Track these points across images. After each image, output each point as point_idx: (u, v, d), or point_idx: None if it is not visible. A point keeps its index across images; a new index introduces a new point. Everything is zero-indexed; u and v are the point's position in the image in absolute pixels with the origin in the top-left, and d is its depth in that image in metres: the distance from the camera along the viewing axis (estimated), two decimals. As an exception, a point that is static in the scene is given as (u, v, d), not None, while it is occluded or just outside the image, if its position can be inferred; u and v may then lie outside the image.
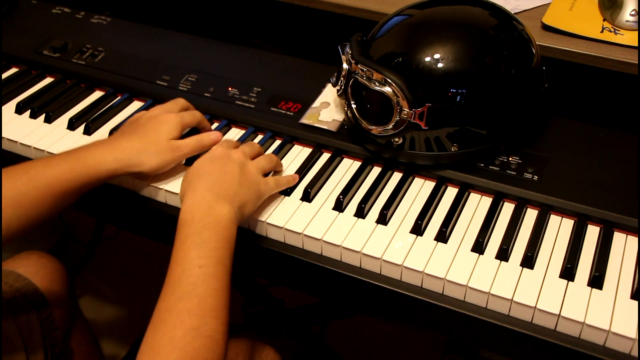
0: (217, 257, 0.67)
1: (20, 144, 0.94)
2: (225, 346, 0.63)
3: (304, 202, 0.83)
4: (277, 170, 0.86)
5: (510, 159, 0.85)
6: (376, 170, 0.88)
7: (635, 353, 0.67)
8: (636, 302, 0.69)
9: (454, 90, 0.79)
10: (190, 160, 0.85)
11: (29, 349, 0.96)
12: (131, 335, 1.60)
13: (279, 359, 0.91)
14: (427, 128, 0.80)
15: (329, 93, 0.98)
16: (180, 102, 0.90)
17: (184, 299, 0.63)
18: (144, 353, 0.61)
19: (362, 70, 0.81)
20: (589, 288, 0.71)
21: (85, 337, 1.15)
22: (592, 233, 0.78)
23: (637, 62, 0.89)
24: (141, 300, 1.68)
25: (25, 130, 0.96)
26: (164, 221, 0.86)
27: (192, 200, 0.72)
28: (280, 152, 0.90)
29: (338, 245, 0.77)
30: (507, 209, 0.81)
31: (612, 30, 0.95)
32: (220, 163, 0.77)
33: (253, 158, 0.82)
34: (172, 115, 0.85)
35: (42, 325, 1.00)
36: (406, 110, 0.79)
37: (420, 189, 0.85)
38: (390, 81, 0.78)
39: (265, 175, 0.82)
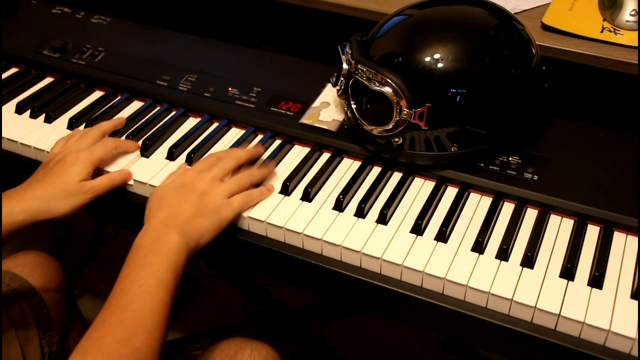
0: (159, 279, 0.69)
1: (20, 143, 0.94)
2: None
3: (304, 202, 0.83)
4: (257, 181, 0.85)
5: (510, 159, 0.85)
6: (376, 170, 0.88)
7: (635, 353, 0.67)
8: (636, 302, 0.69)
9: (454, 90, 0.79)
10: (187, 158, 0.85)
11: (26, 349, 0.96)
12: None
13: (276, 357, 0.91)
14: (427, 128, 0.80)
15: (329, 93, 0.98)
16: (93, 134, 0.89)
17: (118, 312, 0.66)
18: (73, 356, 0.63)
19: (362, 70, 0.81)
20: (589, 288, 0.71)
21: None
22: (592, 233, 0.78)
23: (637, 62, 0.89)
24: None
25: (25, 130, 0.96)
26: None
27: (146, 230, 0.74)
28: (280, 152, 0.90)
29: (338, 245, 0.77)
30: (507, 208, 0.81)
31: (612, 30, 0.95)
32: (182, 192, 0.78)
33: (232, 171, 0.83)
34: (80, 154, 0.84)
35: (38, 325, 0.99)
36: (406, 110, 0.79)
37: (420, 188, 0.85)
38: (390, 81, 0.78)
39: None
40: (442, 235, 0.77)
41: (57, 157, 0.86)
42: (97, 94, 1.05)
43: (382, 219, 0.80)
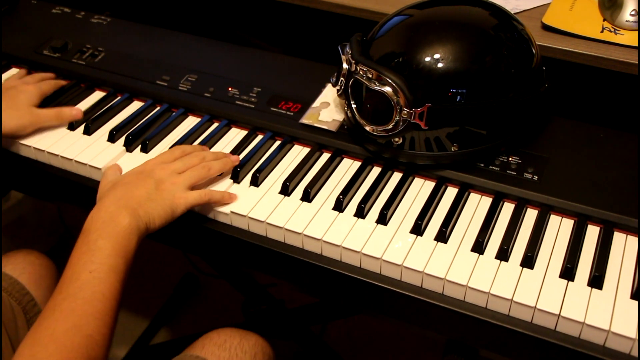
0: (110, 264, 0.70)
1: (21, 144, 0.94)
2: (107, 347, 0.67)
3: (304, 202, 0.83)
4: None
5: (510, 159, 0.85)
6: (376, 170, 0.88)
7: (635, 353, 0.67)
8: (636, 302, 0.69)
9: (454, 90, 0.79)
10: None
11: (16, 347, 0.96)
12: (131, 335, 1.60)
13: (267, 347, 0.92)
14: (427, 128, 0.80)
15: (329, 93, 0.98)
16: (37, 76, 1.03)
17: (69, 299, 0.67)
18: (25, 343, 0.64)
19: (362, 70, 0.81)
20: (589, 288, 0.71)
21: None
22: (592, 233, 0.78)
23: (637, 62, 0.89)
24: (140, 300, 1.68)
25: (25, 130, 0.96)
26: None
27: (97, 210, 0.75)
28: (280, 152, 0.90)
29: (338, 245, 0.77)
30: (507, 209, 0.81)
31: (612, 30, 0.95)
32: (138, 177, 0.79)
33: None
34: (30, 85, 0.97)
35: (29, 324, 0.99)
36: (406, 110, 0.79)
37: (420, 189, 0.85)
38: (390, 81, 0.78)
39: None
40: (442, 236, 0.77)
41: (5, 85, 0.98)
42: (97, 94, 1.05)
43: (382, 219, 0.80)
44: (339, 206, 0.82)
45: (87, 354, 0.64)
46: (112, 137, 0.94)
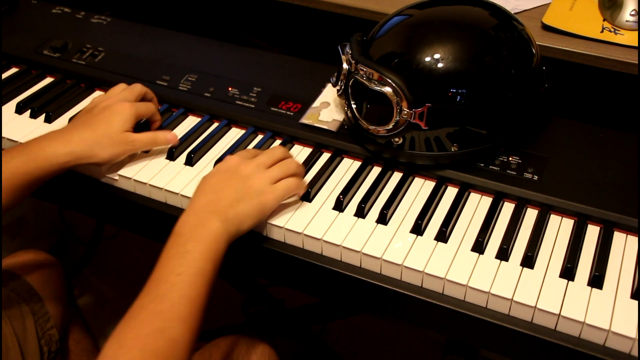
0: (198, 268, 0.69)
1: (20, 144, 0.94)
2: (190, 352, 0.65)
3: (304, 202, 0.83)
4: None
5: (510, 159, 0.85)
6: (376, 170, 0.88)
7: (635, 353, 0.67)
8: (636, 302, 0.69)
9: (454, 90, 0.79)
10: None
11: (25, 348, 0.96)
12: (131, 335, 1.59)
13: (274, 356, 0.92)
14: (427, 128, 0.80)
15: (329, 93, 0.98)
16: (137, 89, 0.91)
17: (156, 301, 0.66)
18: (109, 344, 0.63)
19: (362, 70, 0.81)
20: (589, 288, 0.71)
21: (82, 336, 1.15)
22: (592, 233, 0.78)
23: (637, 62, 0.89)
24: (141, 300, 1.68)
25: (25, 130, 0.96)
26: (164, 221, 0.86)
27: (187, 214, 0.74)
28: (280, 152, 0.90)
29: (338, 245, 0.77)
30: (507, 208, 0.81)
31: (612, 30, 0.95)
32: (225, 177, 0.78)
33: (271, 166, 0.81)
34: (126, 105, 0.86)
35: (37, 324, 0.99)
36: (406, 110, 0.79)
37: (420, 188, 0.85)
38: (390, 81, 0.78)
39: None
40: (442, 235, 0.77)
41: (101, 104, 0.87)
42: (98, 94, 1.04)
43: (382, 219, 0.80)
44: (339, 206, 0.82)
45: (171, 357, 0.63)
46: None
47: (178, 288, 0.67)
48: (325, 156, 0.90)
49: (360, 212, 0.81)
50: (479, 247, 0.76)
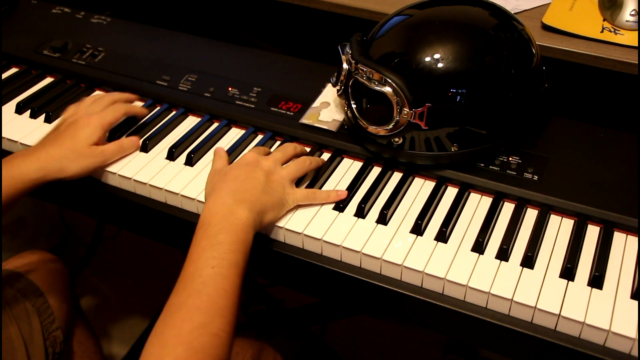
0: (231, 259, 0.68)
1: (20, 143, 0.94)
2: (230, 345, 0.65)
3: (304, 202, 0.83)
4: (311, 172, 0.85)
5: (510, 159, 0.85)
6: (376, 170, 0.88)
7: (635, 353, 0.67)
8: (636, 302, 0.69)
9: (454, 90, 0.79)
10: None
11: (30, 349, 0.96)
12: (131, 335, 1.60)
13: (278, 358, 0.92)
14: (427, 128, 0.80)
15: (329, 93, 0.98)
16: (105, 100, 0.92)
17: (193, 296, 0.65)
18: (151, 343, 0.62)
19: (362, 70, 0.81)
20: (589, 288, 0.71)
21: (86, 337, 1.15)
22: (592, 233, 0.78)
23: (637, 62, 0.89)
24: (141, 300, 1.68)
25: (25, 130, 0.97)
26: (164, 221, 0.86)
27: (213, 203, 0.73)
28: (280, 152, 0.90)
29: (338, 245, 0.77)
30: (507, 209, 0.81)
31: (612, 30, 0.95)
32: (248, 169, 0.78)
33: (285, 162, 0.82)
34: (92, 117, 0.87)
35: (42, 325, 1.00)
36: (406, 110, 0.79)
37: (420, 189, 0.85)
38: (390, 81, 0.78)
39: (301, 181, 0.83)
40: (442, 236, 0.77)
41: (69, 120, 0.88)
42: (97, 94, 1.04)
43: (382, 219, 0.80)
44: (339, 206, 0.82)
45: (215, 354, 0.62)
46: (112, 137, 0.94)
47: (214, 281, 0.66)
48: (325, 156, 0.90)
49: (360, 212, 0.81)
50: (479, 247, 0.76)
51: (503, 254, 0.75)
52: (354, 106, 0.86)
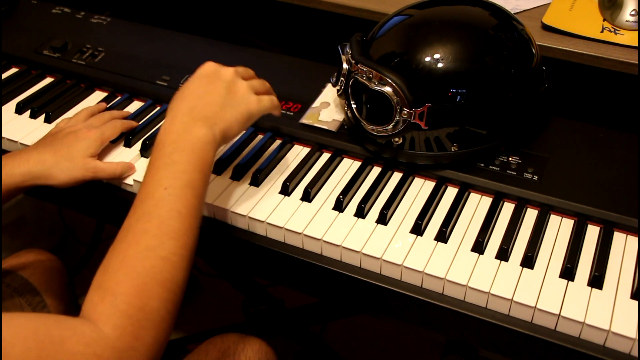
0: (186, 179, 0.66)
1: (20, 144, 0.94)
2: (185, 269, 0.63)
3: (304, 202, 0.83)
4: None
5: (510, 159, 0.85)
6: (376, 170, 0.88)
7: (635, 353, 0.67)
8: (636, 302, 0.69)
9: (454, 90, 0.79)
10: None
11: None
12: (131, 335, 1.59)
13: (270, 352, 0.92)
14: (427, 128, 0.80)
15: (329, 93, 0.98)
16: (105, 115, 0.92)
17: (143, 219, 0.63)
18: (97, 273, 0.61)
19: (362, 70, 0.81)
20: (589, 288, 0.71)
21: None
22: (592, 233, 0.78)
23: (637, 62, 0.89)
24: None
25: (25, 130, 0.97)
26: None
27: (169, 122, 0.71)
28: (280, 152, 0.90)
29: (338, 245, 0.77)
30: (507, 209, 0.81)
31: (612, 30, 0.95)
32: (207, 82, 0.74)
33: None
34: (92, 132, 0.86)
35: None
36: (406, 110, 0.79)
37: (420, 189, 0.85)
38: (390, 81, 0.78)
39: None
40: (442, 236, 0.77)
41: (66, 129, 0.87)
42: (97, 94, 1.05)
43: (382, 219, 0.80)
44: (339, 206, 0.82)
45: (162, 277, 0.60)
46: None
47: (166, 202, 0.63)
48: (325, 156, 0.90)
49: (360, 212, 0.81)
50: (478, 247, 0.76)
51: (503, 254, 0.75)
52: (354, 106, 0.86)
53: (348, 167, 0.89)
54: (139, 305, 0.58)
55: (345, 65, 0.86)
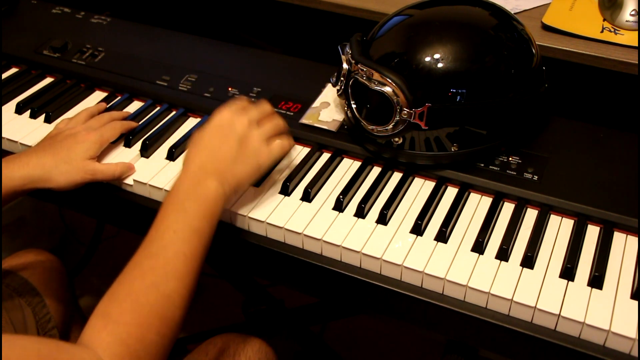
0: (195, 226, 0.69)
1: (20, 144, 0.94)
2: (183, 309, 0.66)
3: (304, 202, 0.83)
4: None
5: (510, 159, 0.85)
6: (376, 170, 0.88)
7: (635, 353, 0.67)
8: (636, 302, 0.69)
9: (454, 90, 0.79)
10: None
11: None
12: (131, 335, 1.59)
13: (270, 352, 0.92)
14: (427, 128, 0.80)
15: (329, 93, 0.98)
16: (104, 117, 0.92)
17: (151, 258, 0.67)
18: (102, 300, 0.64)
19: (362, 70, 0.81)
20: (589, 288, 0.71)
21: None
22: (592, 233, 0.78)
23: (637, 62, 0.89)
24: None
25: (25, 130, 0.97)
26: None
27: (185, 175, 0.74)
28: (280, 152, 0.90)
29: (338, 245, 0.77)
30: (507, 209, 0.81)
31: (612, 30, 0.95)
32: (221, 134, 0.76)
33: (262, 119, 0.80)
34: (91, 134, 0.86)
35: (38, 324, 0.99)
36: (406, 110, 0.79)
37: (420, 189, 0.85)
38: (390, 81, 0.78)
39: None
40: (442, 236, 0.77)
41: (66, 131, 0.88)
42: (97, 94, 1.05)
43: (382, 219, 0.80)
44: (339, 206, 0.82)
45: (164, 314, 0.63)
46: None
47: (174, 245, 0.67)
48: (325, 156, 0.90)
49: (360, 212, 0.81)
50: (478, 247, 0.76)
51: (503, 254, 0.75)
52: (354, 106, 0.86)
53: (348, 167, 0.89)
54: (138, 337, 0.62)
55: (345, 65, 0.86)
